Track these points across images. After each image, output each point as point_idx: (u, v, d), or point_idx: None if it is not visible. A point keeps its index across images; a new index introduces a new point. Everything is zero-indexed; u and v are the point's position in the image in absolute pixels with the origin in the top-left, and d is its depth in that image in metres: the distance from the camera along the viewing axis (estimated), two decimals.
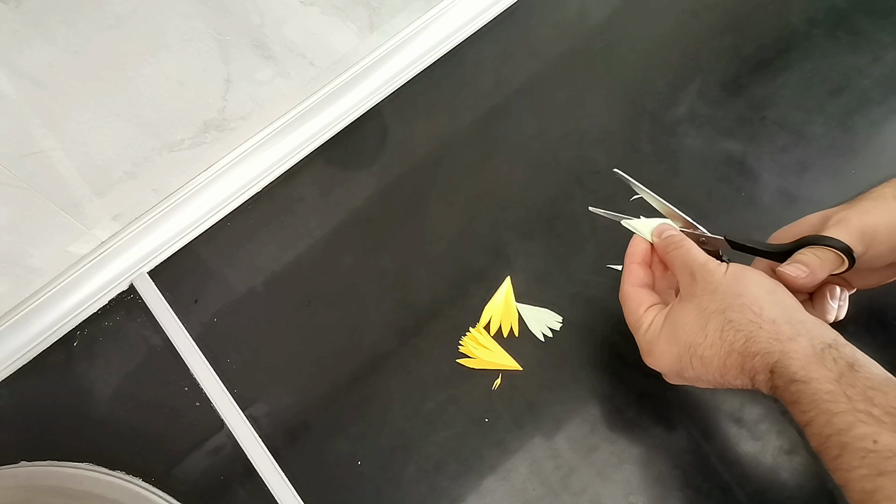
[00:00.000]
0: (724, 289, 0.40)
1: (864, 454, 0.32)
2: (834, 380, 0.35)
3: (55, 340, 0.59)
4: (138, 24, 0.47)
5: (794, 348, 0.36)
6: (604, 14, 0.68)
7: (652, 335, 0.43)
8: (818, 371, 0.35)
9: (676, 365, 0.42)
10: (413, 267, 0.59)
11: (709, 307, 0.40)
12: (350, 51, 0.63)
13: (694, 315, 0.41)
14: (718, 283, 0.40)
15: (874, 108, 0.60)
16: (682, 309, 0.42)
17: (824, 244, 0.42)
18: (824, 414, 0.34)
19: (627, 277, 0.47)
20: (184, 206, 0.61)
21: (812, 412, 0.35)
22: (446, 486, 0.51)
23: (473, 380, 0.54)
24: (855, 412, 0.33)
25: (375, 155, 0.64)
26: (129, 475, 0.53)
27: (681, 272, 0.43)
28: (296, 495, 0.51)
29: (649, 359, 0.44)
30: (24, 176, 0.50)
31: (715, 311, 0.40)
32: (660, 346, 0.42)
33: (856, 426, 0.33)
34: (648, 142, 0.61)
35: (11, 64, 0.44)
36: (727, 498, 0.48)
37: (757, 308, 0.39)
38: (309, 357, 0.56)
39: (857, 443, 0.33)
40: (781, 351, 0.37)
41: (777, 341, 0.37)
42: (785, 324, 0.38)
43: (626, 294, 0.46)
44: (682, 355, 0.41)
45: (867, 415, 0.33)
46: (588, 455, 0.50)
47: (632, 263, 0.47)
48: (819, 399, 0.35)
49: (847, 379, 0.35)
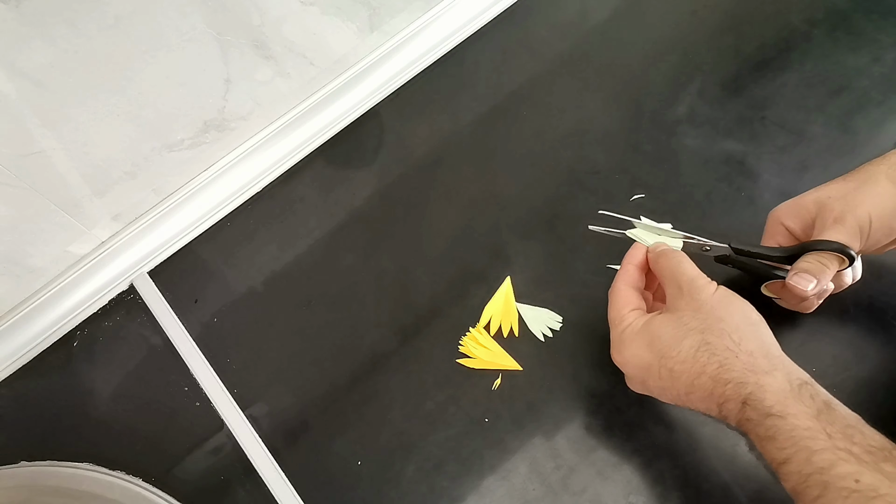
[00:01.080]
0: (708, 309, 0.40)
1: (847, 494, 0.32)
2: (813, 416, 0.34)
3: (55, 340, 0.59)
4: (138, 24, 0.47)
5: (769, 382, 0.36)
6: (604, 14, 0.68)
7: (628, 335, 0.43)
8: (795, 406, 0.35)
9: (643, 372, 0.42)
10: (413, 267, 0.59)
11: (689, 324, 0.40)
12: (350, 51, 0.63)
13: (673, 327, 0.41)
14: (703, 302, 0.40)
15: (874, 108, 0.60)
16: (663, 319, 0.42)
17: (824, 248, 0.43)
18: (804, 451, 0.33)
19: (622, 276, 0.47)
20: (184, 206, 0.62)
21: (790, 449, 0.34)
22: (446, 486, 0.51)
23: (473, 380, 0.54)
24: (835, 450, 0.33)
25: (375, 155, 0.64)
26: (129, 475, 0.53)
27: (669, 283, 0.43)
28: (296, 495, 0.51)
29: (618, 357, 0.44)
30: (24, 176, 0.50)
31: (694, 329, 0.40)
32: (632, 349, 0.43)
33: (837, 465, 0.32)
34: (648, 142, 0.61)
35: (11, 64, 0.44)
36: (727, 498, 0.48)
37: (736, 337, 0.38)
38: (309, 357, 0.56)
39: (839, 482, 0.32)
40: (756, 383, 0.36)
41: (752, 373, 0.37)
42: (762, 357, 0.37)
43: (616, 290, 0.46)
44: (652, 364, 0.41)
45: (847, 453, 0.32)
46: (588, 455, 0.50)
47: (629, 264, 0.47)
48: (798, 435, 0.34)
49: (825, 416, 0.34)
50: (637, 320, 0.44)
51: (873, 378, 0.50)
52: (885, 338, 0.51)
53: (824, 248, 0.43)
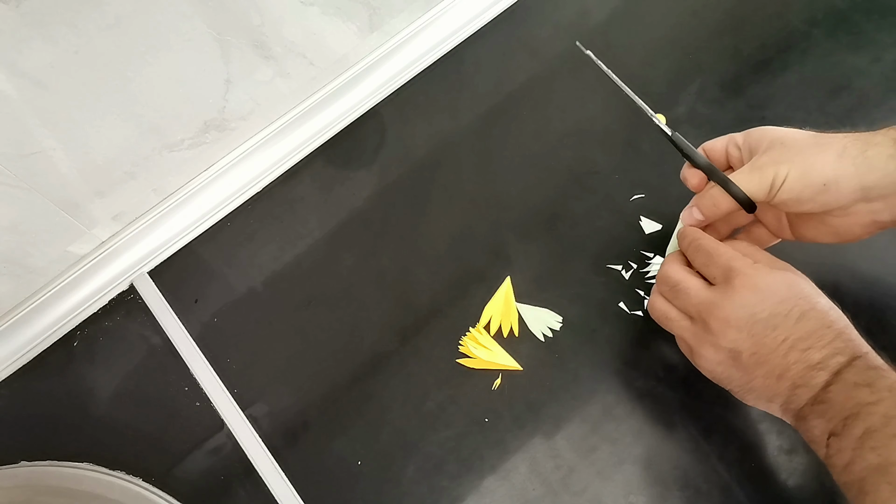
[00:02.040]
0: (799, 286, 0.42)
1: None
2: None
3: (55, 340, 0.59)
4: (138, 24, 0.47)
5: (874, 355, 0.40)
6: (604, 14, 0.68)
7: (760, 273, 0.42)
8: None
9: (767, 313, 0.41)
10: (413, 267, 0.59)
11: (794, 287, 0.41)
12: (350, 51, 0.63)
13: (785, 287, 0.41)
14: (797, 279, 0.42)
15: (874, 108, 0.60)
16: (784, 277, 0.42)
17: (728, 187, 0.44)
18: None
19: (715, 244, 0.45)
20: (184, 206, 0.62)
21: (884, 394, 0.36)
22: (446, 486, 0.51)
23: (473, 380, 0.54)
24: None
25: (375, 155, 0.64)
26: (129, 475, 0.53)
27: (758, 253, 0.44)
28: (296, 495, 0.51)
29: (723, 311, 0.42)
30: (24, 176, 0.50)
31: (808, 294, 0.41)
32: (765, 283, 0.42)
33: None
34: (648, 142, 0.61)
35: (11, 64, 0.44)
36: (727, 498, 0.48)
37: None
38: (309, 357, 0.56)
39: None
40: (868, 351, 0.39)
41: (864, 345, 0.40)
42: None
43: (714, 248, 0.44)
44: (787, 300, 0.41)
45: None
46: (588, 455, 0.50)
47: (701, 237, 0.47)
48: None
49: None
50: (762, 261, 0.43)
51: None
52: (886, 338, 0.51)
53: (727, 187, 0.44)
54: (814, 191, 0.42)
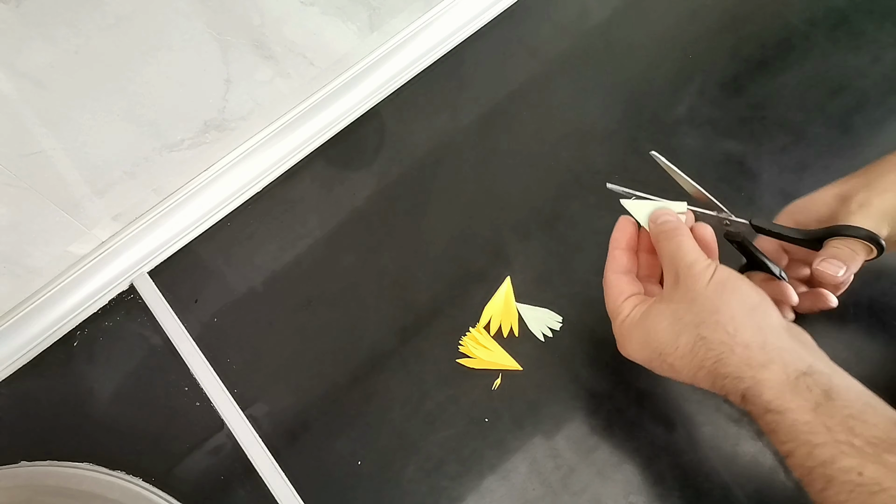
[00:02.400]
0: (703, 300, 0.39)
1: (851, 488, 0.31)
2: (810, 409, 0.34)
3: (55, 340, 0.59)
4: (138, 24, 0.47)
5: (766, 377, 0.35)
6: (604, 14, 0.68)
7: (626, 329, 0.43)
8: (793, 401, 0.34)
9: (648, 364, 0.42)
10: (413, 267, 0.59)
11: (684, 318, 0.39)
12: (350, 51, 0.63)
13: (669, 322, 0.40)
14: (698, 293, 0.39)
15: (874, 108, 0.60)
16: (659, 311, 0.41)
17: (851, 234, 0.41)
18: (805, 445, 0.33)
19: (610, 264, 0.46)
20: (184, 206, 0.62)
21: (791, 443, 0.34)
22: (446, 486, 0.51)
23: (473, 380, 0.54)
24: (836, 443, 0.32)
25: (375, 155, 0.64)
26: (129, 475, 0.53)
27: (668, 268, 0.42)
28: (296, 495, 0.51)
29: (623, 350, 0.44)
30: (24, 176, 0.50)
31: (689, 324, 0.39)
32: (632, 344, 0.42)
33: (839, 458, 0.32)
34: (648, 142, 0.61)
35: (11, 64, 0.44)
36: (727, 498, 0.48)
37: (731, 328, 0.37)
38: (309, 357, 0.56)
39: (843, 476, 0.32)
40: (753, 378, 0.36)
41: (748, 367, 0.36)
42: (758, 349, 0.36)
43: (608, 281, 0.45)
44: (653, 358, 0.41)
45: (849, 446, 0.32)
46: (588, 455, 0.50)
47: (615, 249, 0.46)
48: (798, 430, 0.34)
49: (824, 409, 0.33)
50: (634, 311, 0.42)
51: (873, 378, 0.49)
52: (885, 338, 0.51)
53: (851, 234, 0.41)
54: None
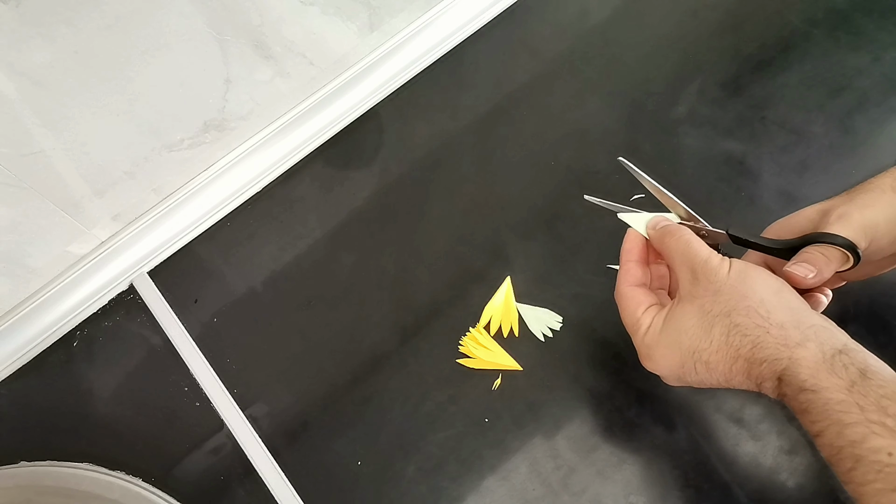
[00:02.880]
0: (729, 289, 0.38)
1: (880, 468, 0.31)
2: (845, 388, 0.33)
3: (55, 340, 0.59)
4: (138, 23, 0.47)
5: (802, 355, 0.35)
6: (604, 14, 0.68)
7: (651, 339, 0.41)
8: (828, 380, 0.34)
9: (679, 370, 0.40)
10: (413, 267, 0.59)
11: (712, 310, 0.38)
12: (350, 51, 0.63)
13: (697, 318, 0.39)
14: (722, 284, 0.38)
15: (874, 108, 0.60)
16: (684, 311, 0.40)
17: (828, 241, 0.41)
18: (836, 425, 0.33)
19: (624, 276, 0.45)
20: (184, 206, 0.61)
21: (823, 422, 0.33)
22: (446, 486, 0.51)
23: (473, 380, 0.54)
24: (868, 423, 0.32)
25: (375, 155, 0.64)
26: (129, 475, 0.53)
27: (680, 268, 0.41)
28: (296, 495, 0.51)
29: (649, 363, 0.42)
30: (24, 176, 0.50)
31: (720, 315, 0.38)
32: (660, 351, 0.41)
33: (869, 438, 0.32)
34: (648, 142, 0.61)
35: (11, 64, 0.44)
36: (727, 498, 0.48)
37: (764, 311, 0.37)
38: (309, 357, 0.56)
39: (872, 455, 0.31)
40: (790, 358, 0.35)
41: (785, 347, 0.36)
42: (793, 328, 0.36)
43: (623, 294, 0.44)
44: (686, 361, 0.39)
45: (881, 426, 0.32)
46: (588, 455, 0.50)
47: (628, 262, 0.45)
48: (830, 409, 0.33)
49: (859, 388, 0.33)
50: (655, 320, 0.42)
51: None
52: (885, 338, 0.51)
53: (828, 241, 0.41)
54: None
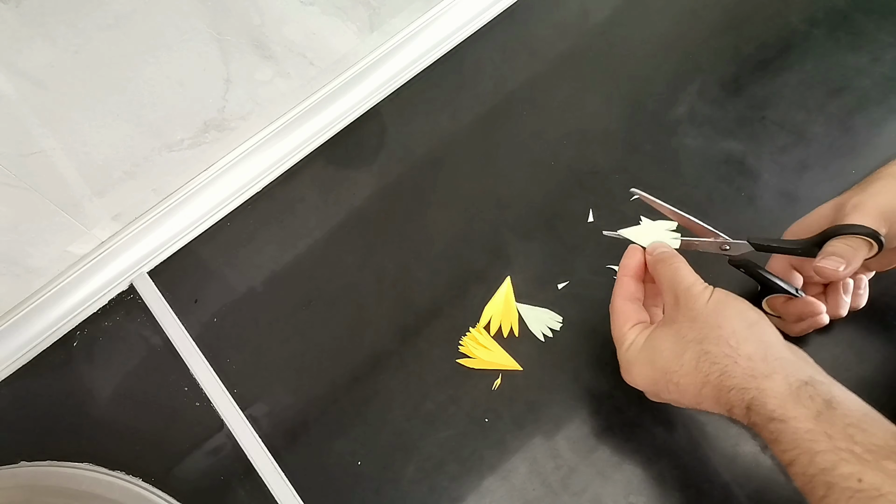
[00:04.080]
0: (704, 318, 0.40)
1: (851, 493, 0.32)
2: (812, 418, 0.35)
3: (55, 340, 0.59)
4: (138, 23, 0.47)
5: (769, 386, 0.36)
6: (604, 14, 0.68)
7: (632, 355, 0.44)
8: (795, 409, 0.35)
9: (653, 387, 0.43)
10: (413, 267, 0.59)
11: (687, 335, 0.40)
12: (350, 51, 0.63)
13: (672, 342, 0.41)
14: (699, 312, 0.40)
15: (874, 108, 0.60)
16: (662, 334, 0.42)
17: (850, 232, 0.41)
18: (806, 453, 0.34)
19: (618, 290, 0.47)
20: (184, 206, 0.62)
21: (794, 451, 0.35)
22: (446, 486, 0.51)
23: (473, 380, 0.54)
24: (837, 451, 0.33)
25: (375, 155, 0.64)
26: (129, 475, 0.53)
27: (667, 292, 0.43)
28: (296, 495, 0.51)
29: (627, 377, 0.45)
30: (24, 176, 0.50)
31: (692, 341, 0.40)
32: (637, 367, 0.43)
33: (839, 465, 0.33)
34: (648, 142, 0.61)
35: (11, 64, 0.44)
36: (727, 498, 0.48)
37: (734, 342, 0.38)
38: (309, 357, 0.56)
39: (843, 482, 0.33)
40: (757, 388, 0.37)
41: (752, 378, 0.37)
42: (760, 360, 0.37)
43: (615, 307, 0.46)
44: (658, 380, 0.42)
45: (849, 453, 0.33)
46: (588, 455, 0.50)
47: (624, 276, 0.47)
48: (800, 438, 0.34)
49: (825, 417, 0.34)
50: (639, 337, 0.44)
51: (873, 378, 0.50)
52: (885, 338, 0.51)
53: (850, 232, 0.41)
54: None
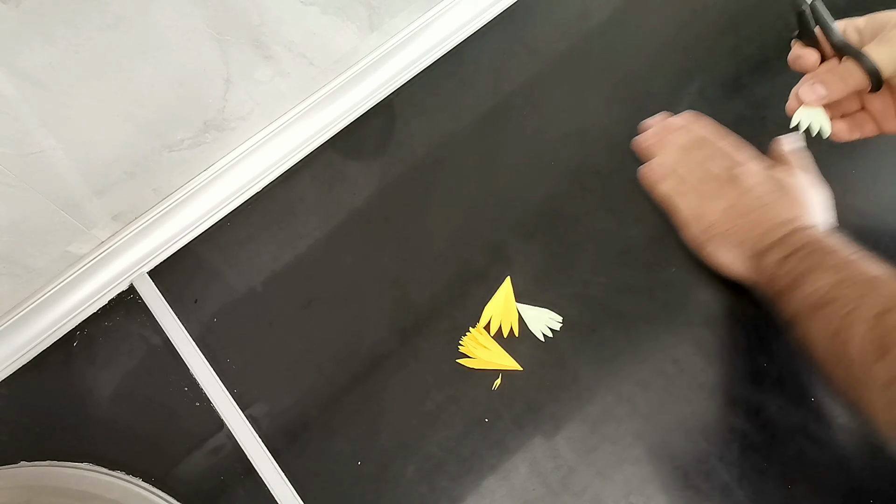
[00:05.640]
0: (800, 187, 0.52)
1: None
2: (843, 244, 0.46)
3: (55, 340, 0.58)
4: (138, 23, 0.47)
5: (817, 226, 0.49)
6: (604, 14, 0.68)
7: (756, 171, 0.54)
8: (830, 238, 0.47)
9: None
10: (413, 267, 0.59)
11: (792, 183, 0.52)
12: (350, 50, 0.63)
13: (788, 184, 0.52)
14: (798, 179, 0.53)
15: None
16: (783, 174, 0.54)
17: (859, 59, 0.44)
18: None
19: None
20: (184, 206, 0.62)
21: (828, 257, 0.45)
22: (446, 486, 0.51)
23: (473, 380, 0.54)
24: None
25: (375, 154, 0.64)
26: (129, 475, 0.53)
27: (792, 160, 0.55)
28: (296, 495, 0.51)
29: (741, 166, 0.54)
30: (24, 176, 0.50)
31: (793, 187, 0.52)
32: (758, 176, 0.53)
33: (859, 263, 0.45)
34: None
35: (11, 64, 0.44)
36: (727, 498, 0.48)
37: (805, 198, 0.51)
38: (309, 357, 0.56)
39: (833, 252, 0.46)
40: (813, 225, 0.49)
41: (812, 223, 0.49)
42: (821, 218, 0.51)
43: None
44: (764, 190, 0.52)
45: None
46: (588, 455, 0.50)
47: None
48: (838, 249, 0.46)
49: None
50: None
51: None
52: None
53: (858, 59, 0.44)
54: None
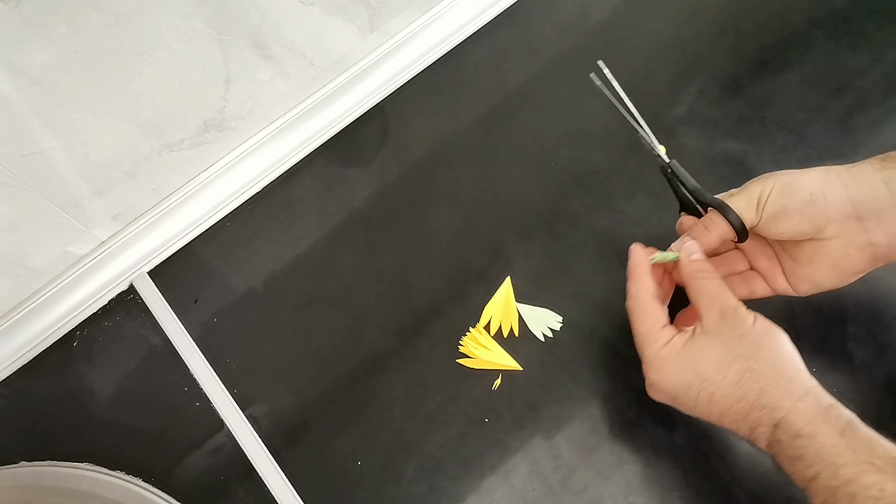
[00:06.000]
0: (752, 338, 0.41)
1: (874, 502, 0.34)
2: (837, 434, 0.37)
3: (55, 340, 0.58)
4: (138, 23, 0.47)
5: (802, 406, 0.38)
6: (604, 14, 0.68)
7: (667, 355, 0.43)
8: (823, 427, 0.37)
9: (683, 391, 0.43)
10: (413, 267, 0.59)
11: (734, 351, 0.41)
12: (350, 50, 0.63)
13: (719, 353, 0.41)
14: (747, 331, 0.41)
15: (874, 108, 0.60)
16: (707, 343, 0.42)
17: (722, 210, 0.45)
18: (831, 466, 0.36)
19: (642, 287, 0.46)
20: (184, 206, 0.61)
21: (818, 465, 0.36)
22: (446, 486, 0.51)
23: (473, 380, 0.54)
24: (860, 463, 0.35)
25: (375, 155, 0.64)
26: (129, 475, 0.53)
27: (709, 306, 0.43)
28: (296, 495, 0.51)
29: (654, 374, 0.44)
30: (24, 176, 0.50)
31: (740, 356, 0.41)
32: (671, 369, 0.43)
33: (862, 476, 0.35)
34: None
35: (11, 64, 0.44)
36: (727, 498, 0.48)
37: (778, 364, 0.40)
38: (309, 357, 0.56)
39: (865, 492, 0.34)
40: (790, 407, 0.38)
41: (788, 398, 0.39)
42: (798, 384, 0.40)
43: (644, 305, 0.45)
44: (693, 386, 0.42)
45: (871, 465, 0.35)
46: (588, 455, 0.50)
47: (643, 274, 0.46)
48: (825, 452, 0.37)
49: (849, 434, 0.37)
50: (676, 339, 0.43)
51: (873, 379, 0.50)
52: (885, 338, 0.51)
53: (723, 212, 0.45)
54: (800, 201, 0.43)
